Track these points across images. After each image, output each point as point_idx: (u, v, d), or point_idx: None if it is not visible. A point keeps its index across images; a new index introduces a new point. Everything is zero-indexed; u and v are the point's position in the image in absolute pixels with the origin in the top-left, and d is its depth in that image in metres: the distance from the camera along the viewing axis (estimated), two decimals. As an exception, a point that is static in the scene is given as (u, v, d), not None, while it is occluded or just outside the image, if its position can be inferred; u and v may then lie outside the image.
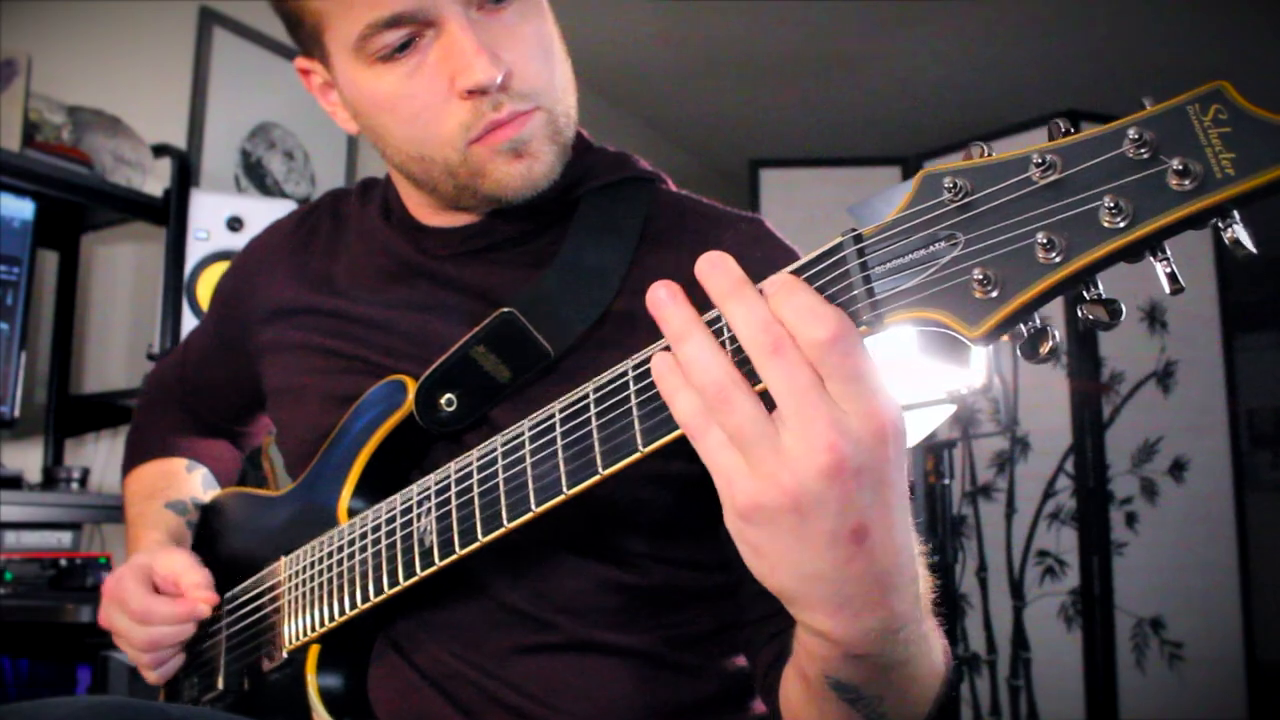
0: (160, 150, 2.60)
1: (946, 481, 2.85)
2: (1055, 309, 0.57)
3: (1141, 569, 3.57)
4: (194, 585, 1.02)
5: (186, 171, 2.58)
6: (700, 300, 0.62)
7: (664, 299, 0.61)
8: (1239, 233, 0.49)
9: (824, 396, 0.57)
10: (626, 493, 0.90)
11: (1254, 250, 0.49)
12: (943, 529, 2.83)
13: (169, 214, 2.49)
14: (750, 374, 0.59)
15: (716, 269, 0.60)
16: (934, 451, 2.84)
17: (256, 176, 3.15)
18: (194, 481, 1.23)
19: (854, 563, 0.58)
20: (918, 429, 2.61)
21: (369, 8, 0.86)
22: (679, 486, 0.91)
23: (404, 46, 0.88)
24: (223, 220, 2.49)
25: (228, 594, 1.06)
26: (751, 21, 3.94)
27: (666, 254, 0.96)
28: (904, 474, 0.60)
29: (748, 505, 0.59)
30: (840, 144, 4.86)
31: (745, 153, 4.48)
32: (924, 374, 2.57)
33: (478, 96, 0.88)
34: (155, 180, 2.55)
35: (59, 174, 2.30)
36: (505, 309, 0.91)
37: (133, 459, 1.29)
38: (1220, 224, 0.49)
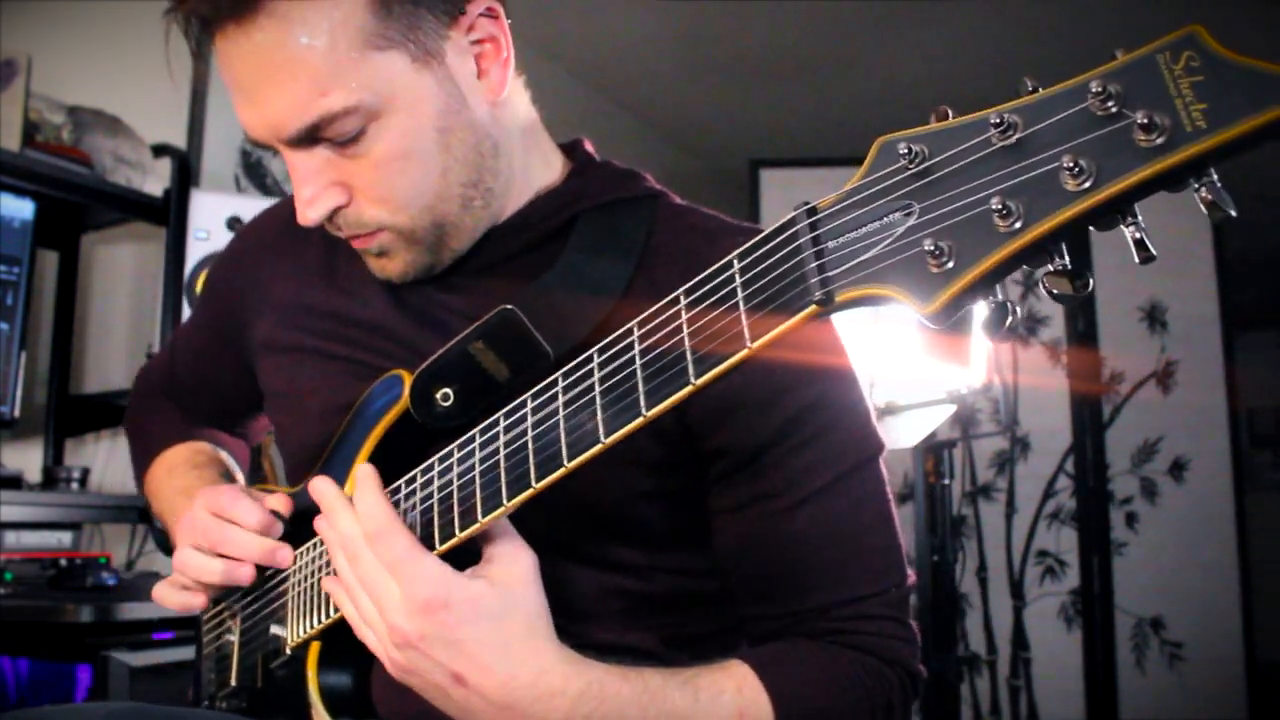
0: (160, 150, 2.60)
1: (946, 481, 2.84)
2: (1054, 307, 0.54)
3: (1141, 569, 3.57)
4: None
5: (186, 171, 2.57)
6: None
7: (320, 487, 0.83)
8: (1216, 192, 0.44)
9: (384, 583, 0.75)
10: (626, 509, 0.92)
11: (1232, 212, 0.45)
12: (943, 529, 2.83)
13: (169, 214, 2.49)
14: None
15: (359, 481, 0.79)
16: (934, 451, 2.83)
17: (256, 176, 3.15)
18: (227, 461, 1.22)
19: (470, 699, 0.75)
20: (918, 429, 2.61)
21: (242, 124, 0.91)
22: (674, 502, 0.93)
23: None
24: (223, 220, 2.49)
25: (242, 590, 1.06)
26: (752, 21, 3.94)
27: (667, 267, 0.95)
28: (492, 629, 0.74)
29: (391, 664, 0.78)
30: (840, 144, 4.84)
31: (745, 153, 4.47)
32: (924, 374, 2.57)
33: None
34: (155, 180, 2.55)
35: (59, 174, 2.29)
36: (506, 306, 0.90)
37: (148, 454, 1.25)
38: (1195, 183, 0.45)
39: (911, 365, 2.59)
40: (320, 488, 0.83)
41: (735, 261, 0.64)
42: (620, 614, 0.94)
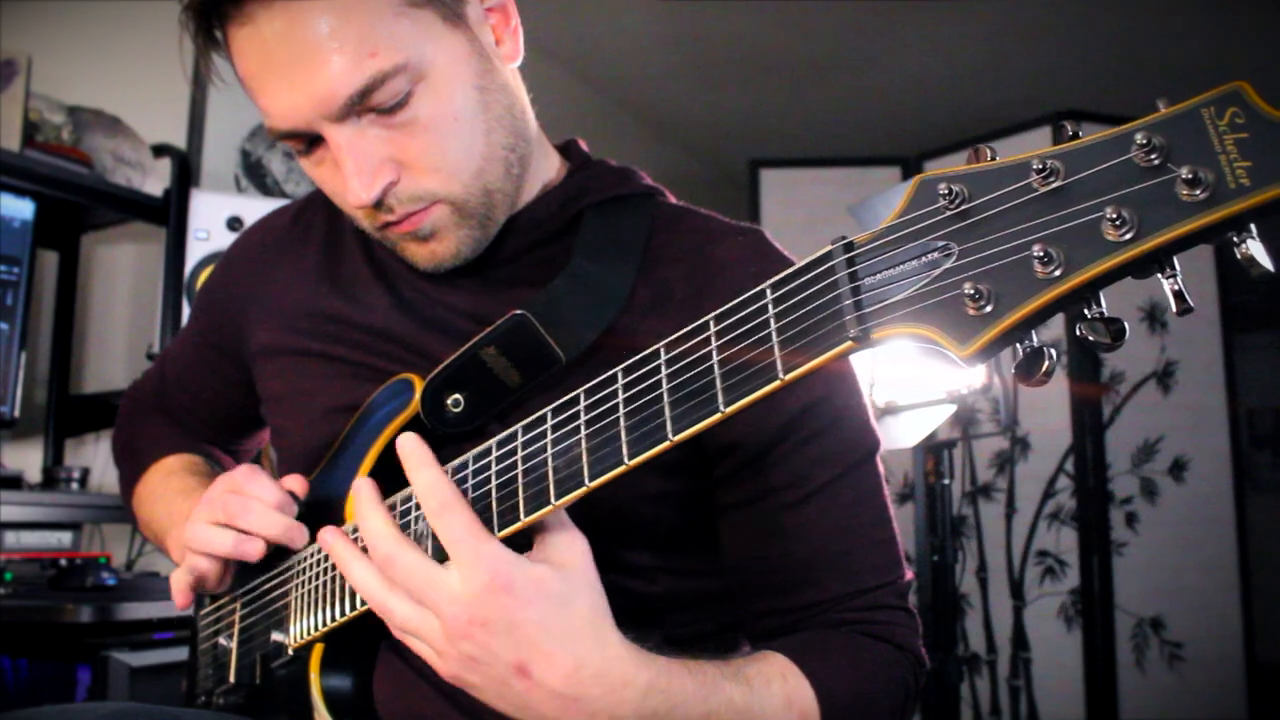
0: (160, 150, 2.60)
1: (946, 481, 2.85)
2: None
3: (1141, 569, 3.57)
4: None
5: (186, 171, 2.58)
6: (686, 316, 0.68)
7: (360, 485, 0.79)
8: (1254, 249, 0.45)
9: (434, 580, 0.72)
10: (633, 511, 0.92)
11: (1270, 268, 0.45)
12: (943, 529, 2.83)
13: (169, 214, 2.49)
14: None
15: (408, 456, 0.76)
16: (934, 451, 2.84)
17: (256, 176, 3.15)
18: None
19: (532, 693, 0.70)
20: (918, 429, 2.61)
21: (267, 118, 0.88)
22: (680, 502, 0.94)
23: (313, 142, 0.89)
24: (223, 220, 2.49)
25: (243, 588, 1.06)
26: (751, 21, 3.94)
27: (668, 268, 0.96)
28: (557, 614, 0.70)
29: (448, 662, 0.73)
30: (840, 144, 4.85)
31: (745, 153, 4.47)
32: (924, 374, 2.57)
33: (367, 207, 0.89)
34: (155, 180, 2.55)
35: (59, 174, 2.29)
36: (518, 312, 0.90)
37: (139, 466, 1.23)
38: (1235, 238, 0.46)
39: (911, 365, 2.59)
40: (357, 487, 0.80)
41: (769, 291, 0.63)
42: (623, 614, 0.94)
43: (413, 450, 0.76)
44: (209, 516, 0.96)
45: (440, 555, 0.75)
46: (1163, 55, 4.14)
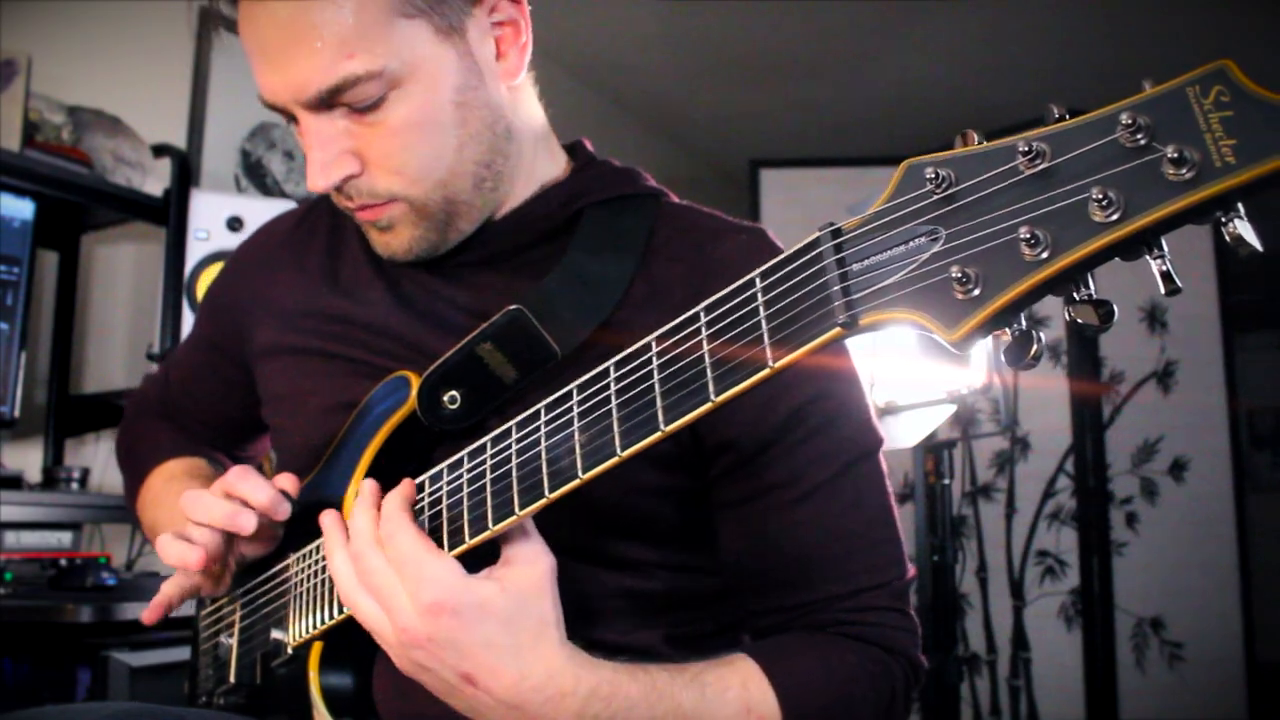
0: (160, 150, 2.60)
1: (946, 481, 2.84)
2: (1055, 306, 0.54)
3: (1141, 569, 3.57)
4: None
5: (186, 171, 2.57)
6: (683, 313, 0.68)
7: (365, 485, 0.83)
8: (1241, 228, 0.45)
9: (393, 586, 0.75)
10: (632, 506, 0.92)
11: (1258, 247, 0.45)
12: (943, 529, 2.83)
13: (169, 214, 2.48)
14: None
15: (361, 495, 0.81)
16: (934, 451, 2.84)
17: (256, 176, 3.15)
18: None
19: (479, 698, 0.75)
20: (918, 429, 2.61)
21: (260, 88, 0.91)
22: (679, 499, 0.94)
23: (295, 117, 0.91)
24: (223, 220, 2.49)
25: (242, 588, 1.06)
26: (751, 21, 3.94)
27: (668, 266, 0.96)
28: (501, 633, 0.73)
29: (402, 662, 0.77)
30: (840, 144, 4.85)
31: (745, 153, 4.48)
32: (924, 374, 2.57)
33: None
34: (155, 180, 2.55)
35: (59, 174, 2.29)
36: (514, 307, 0.90)
37: (143, 470, 1.23)
38: (1222, 217, 0.45)
39: (911, 365, 2.59)
40: (361, 486, 0.83)
41: (757, 280, 0.63)
42: (625, 613, 0.95)
43: (364, 488, 0.82)
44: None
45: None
46: (1163, 55, 4.14)
